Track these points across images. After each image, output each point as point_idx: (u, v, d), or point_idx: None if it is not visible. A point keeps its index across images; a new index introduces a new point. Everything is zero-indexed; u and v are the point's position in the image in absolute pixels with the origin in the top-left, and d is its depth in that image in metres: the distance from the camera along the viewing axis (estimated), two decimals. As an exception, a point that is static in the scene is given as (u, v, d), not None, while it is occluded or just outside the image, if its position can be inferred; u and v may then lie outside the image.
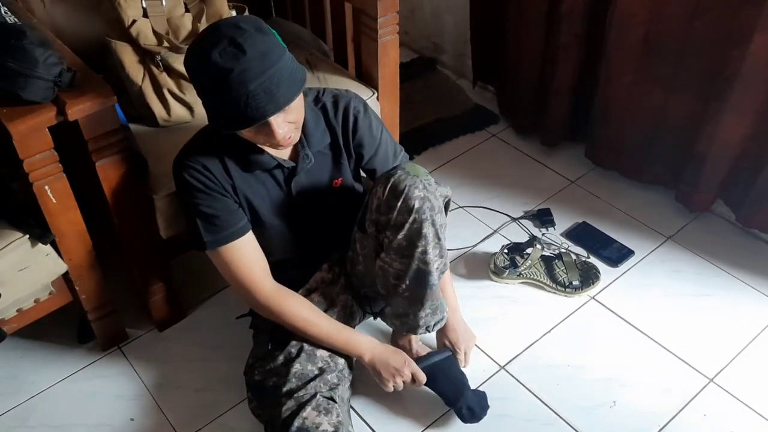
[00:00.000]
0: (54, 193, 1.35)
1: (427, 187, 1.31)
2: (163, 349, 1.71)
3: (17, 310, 1.47)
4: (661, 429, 1.52)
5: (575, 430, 1.52)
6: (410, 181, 1.30)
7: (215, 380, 1.63)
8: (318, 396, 1.35)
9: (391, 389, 1.46)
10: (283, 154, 1.37)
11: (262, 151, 1.33)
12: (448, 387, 1.49)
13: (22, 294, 1.44)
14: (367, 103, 1.45)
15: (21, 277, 1.40)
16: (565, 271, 1.81)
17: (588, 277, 1.81)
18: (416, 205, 1.29)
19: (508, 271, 1.81)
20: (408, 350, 1.57)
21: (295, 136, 1.29)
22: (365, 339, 1.46)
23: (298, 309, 1.41)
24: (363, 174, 1.53)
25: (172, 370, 1.66)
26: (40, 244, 1.40)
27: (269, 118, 1.18)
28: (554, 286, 1.80)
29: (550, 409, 1.56)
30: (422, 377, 1.45)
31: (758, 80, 1.68)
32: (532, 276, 1.82)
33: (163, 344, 1.72)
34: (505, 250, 1.85)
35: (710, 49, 1.74)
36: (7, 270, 1.37)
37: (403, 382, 1.45)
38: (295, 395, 1.35)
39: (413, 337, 1.58)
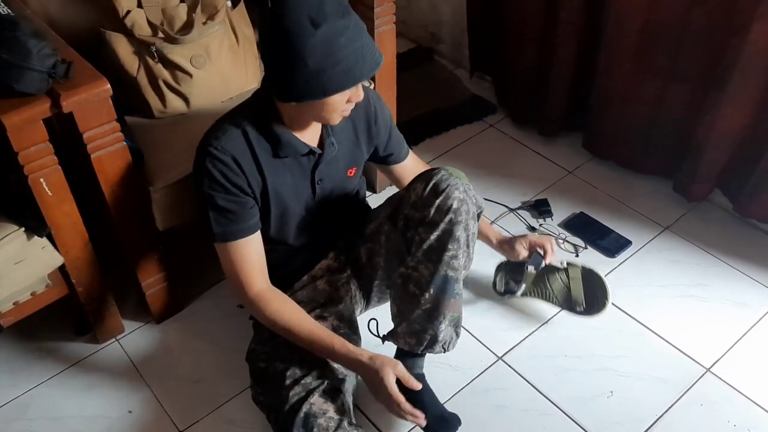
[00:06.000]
0: (49, 185, 1.35)
1: (467, 191, 1.33)
2: (161, 341, 1.71)
3: (14, 303, 1.47)
4: (659, 418, 1.53)
5: (572, 420, 1.53)
6: (452, 182, 1.32)
7: (213, 372, 1.63)
8: (326, 383, 1.35)
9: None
10: (312, 141, 1.36)
11: (290, 131, 1.31)
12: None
13: (18, 287, 1.44)
14: (378, 94, 1.48)
15: (17, 270, 1.40)
16: (568, 286, 1.68)
17: (595, 297, 1.67)
18: (454, 206, 1.30)
19: (507, 295, 1.71)
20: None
21: None
22: (348, 353, 1.32)
23: (279, 314, 1.35)
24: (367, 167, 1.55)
25: (169, 362, 1.66)
26: (36, 237, 1.40)
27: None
28: (553, 301, 1.70)
29: (548, 399, 1.56)
30: (394, 409, 1.33)
31: (757, 69, 1.68)
32: (532, 296, 1.71)
33: (160, 336, 1.72)
34: (501, 272, 1.73)
35: (709, 39, 1.74)
36: (3, 263, 1.36)
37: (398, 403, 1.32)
38: (303, 381, 1.35)
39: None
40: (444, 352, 1.42)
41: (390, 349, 1.44)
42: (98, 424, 1.54)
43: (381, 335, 1.46)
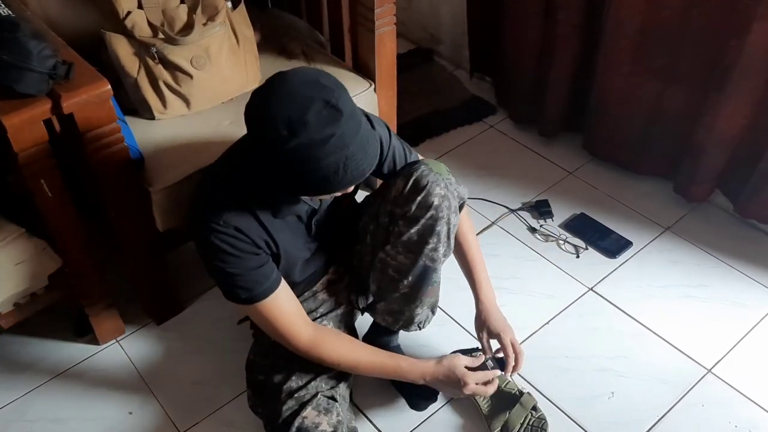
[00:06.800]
0: (49, 186, 1.34)
1: (448, 186, 1.32)
2: (161, 342, 1.70)
3: (14, 305, 1.47)
4: (660, 419, 1.53)
5: (573, 420, 1.53)
6: (433, 178, 1.30)
7: (213, 373, 1.63)
8: (319, 395, 1.35)
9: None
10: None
11: (298, 201, 1.28)
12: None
13: (18, 288, 1.44)
14: (371, 116, 1.35)
15: (17, 272, 1.39)
16: (508, 416, 1.49)
17: None
18: (436, 202, 1.29)
19: None
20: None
21: None
22: (415, 366, 1.37)
23: (339, 352, 1.35)
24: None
25: (170, 364, 1.66)
26: (36, 238, 1.39)
27: None
28: (488, 423, 1.50)
29: (548, 400, 1.56)
30: (484, 390, 1.38)
31: (756, 70, 1.68)
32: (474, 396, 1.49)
33: (160, 337, 1.71)
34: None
35: (708, 39, 1.74)
36: (3, 264, 1.36)
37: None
38: (296, 395, 1.35)
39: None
40: (419, 330, 1.49)
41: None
42: (98, 426, 1.53)
43: (361, 307, 1.52)
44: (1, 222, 1.37)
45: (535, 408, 1.50)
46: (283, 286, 1.30)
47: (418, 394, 1.53)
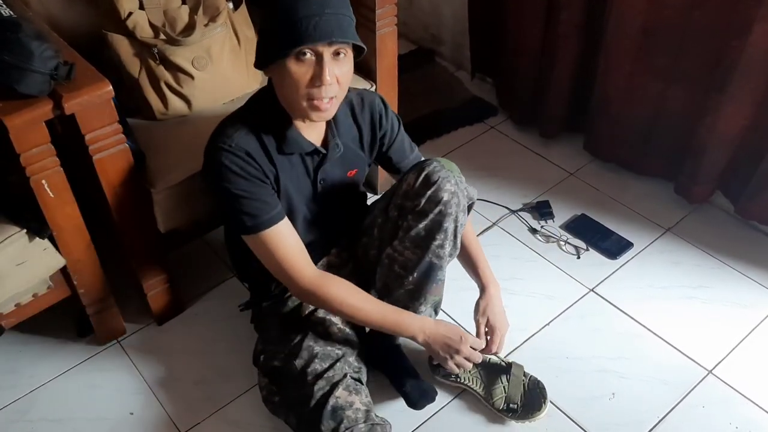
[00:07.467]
0: (51, 187, 1.35)
1: (458, 183, 1.35)
2: (163, 342, 1.71)
3: (15, 305, 1.47)
4: (660, 420, 1.53)
5: (574, 422, 1.53)
6: (444, 174, 1.33)
7: (215, 373, 1.63)
8: (347, 377, 1.36)
9: (456, 370, 1.42)
10: (316, 140, 1.36)
11: (295, 127, 1.31)
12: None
13: (20, 288, 1.44)
14: (386, 100, 1.46)
15: (19, 272, 1.40)
16: (506, 389, 1.52)
17: (532, 403, 1.51)
18: (445, 198, 1.32)
19: (441, 371, 1.55)
20: None
21: (335, 102, 1.26)
22: (416, 319, 1.40)
23: (344, 295, 1.35)
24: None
25: (171, 364, 1.66)
26: (37, 239, 1.40)
27: (326, 49, 1.18)
28: (489, 402, 1.52)
29: (549, 400, 1.56)
30: (477, 357, 1.41)
31: (758, 71, 1.68)
32: (466, 382, 1.55)
33: (162, 338, 1.72)
34: None
35: (709, 40, 1.74)
36: (5, 265, 1.36)
37: (465, 359, 1.40)
38: (325, 375, 1.36)
39: None
40: None
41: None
42: (99, 426, 1.54)
43: None
44: (2, 222, 1.37)
45: (524, 374, 1.54)
46: (288, 222, 1.33)
47: (418, 394, 1.53)
